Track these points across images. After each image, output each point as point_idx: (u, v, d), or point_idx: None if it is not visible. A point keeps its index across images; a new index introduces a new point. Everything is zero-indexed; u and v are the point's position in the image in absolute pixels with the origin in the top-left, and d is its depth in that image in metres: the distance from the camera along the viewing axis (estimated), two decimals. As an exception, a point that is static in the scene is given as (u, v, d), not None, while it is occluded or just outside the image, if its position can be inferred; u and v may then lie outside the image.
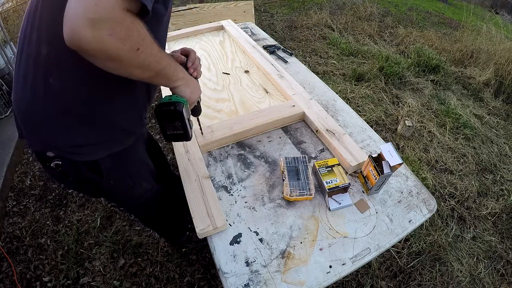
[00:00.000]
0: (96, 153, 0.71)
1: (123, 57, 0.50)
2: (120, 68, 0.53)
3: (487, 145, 2.32)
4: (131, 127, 0.78)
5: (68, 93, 0.62)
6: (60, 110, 0.63)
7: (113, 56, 0.48)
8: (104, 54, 0.47)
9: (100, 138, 0.70)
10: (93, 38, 0.44)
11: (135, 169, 0.87)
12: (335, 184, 0.83)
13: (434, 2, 6.16)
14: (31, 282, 1.43)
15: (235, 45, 1.59)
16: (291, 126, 1.11)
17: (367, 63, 3.14)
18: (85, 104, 0.64)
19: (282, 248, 0.75)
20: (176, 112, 0.71)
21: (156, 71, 0.60)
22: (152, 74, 0.59)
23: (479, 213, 1.81)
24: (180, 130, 0.75)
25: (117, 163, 0.77)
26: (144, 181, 0.94)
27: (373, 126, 2.32)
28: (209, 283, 1.42)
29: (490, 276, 1.53)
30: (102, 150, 0.72)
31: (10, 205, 1.77)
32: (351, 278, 1.44)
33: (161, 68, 0.61)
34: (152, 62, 0.56)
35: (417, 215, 0.84)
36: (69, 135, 0.66)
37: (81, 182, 0.80)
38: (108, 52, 0.47)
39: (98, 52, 0.46)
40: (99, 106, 0.66)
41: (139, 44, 0.51)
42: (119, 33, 0.46)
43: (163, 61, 0.61)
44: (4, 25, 2.43)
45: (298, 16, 4.14)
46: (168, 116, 0.72)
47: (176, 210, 1.30)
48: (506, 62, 3.05)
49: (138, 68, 0.55)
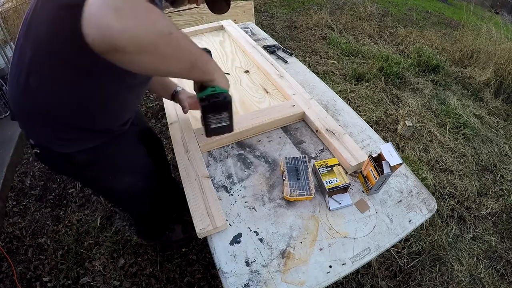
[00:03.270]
0: (69, 147, 0.74)
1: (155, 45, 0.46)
2: (158, 62, 0.50)
3: (487, 145, 2.32)
4: (102, 130, 0.77)
5: (43, 94, 0.65)
6: (36, 107, 0.68)
7: (145, 45, 0.45)
8: (137, 45, 0.44)
9: (72, 135, 0.73)
10: (123, 27, 0.41)
11: (112, 164, 0.87)
12: (335, 184, 0.83)
13: (434, 2, 6.16)
14: (31, 282, 1.43)
15: (235, 45, 1.59)
16: (291, 126, 1.11)
17: (367, 63, 3.14)
18: (57, 106, 0.67)
19: (282, 248, 0.75)
20: (226, 103, 0.70)
21: (191, 62, 0.58)
22: (187, 65, 0.58)
23: (479, 213, 1.81)
24: (226, 121, 0.75)
25: (92, 158, 0.79)
26: (127, 176, 0.92)
27: (373, 126, 2.32)
28: (209, 283, 1.42)
29: (490, 276, 1.53)
30: (72, 145, 0.74)
31: (10, 205, 1.77)
32: (351, 278, 1.44)
33: (196, 59, 0.59)
34: (186, 50, 0.55)
35: (417, 215, 0.84)
36: (43, 129, 0.71)
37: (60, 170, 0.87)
38: (139, 41, 0.44)
39: (130, 44, 0.43)
40: (72, 110, 0.68)
41: (170, 28, 0.48)
42: (148, 19, 0.44)
43: (196, 48, 0.59)
44: (4, 25, 2.42)
45: (298, 16, 4.14)
46: (217, 107, 0.71)
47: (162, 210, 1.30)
48: (506, 62, 3.05)
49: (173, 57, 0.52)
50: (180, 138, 1.02)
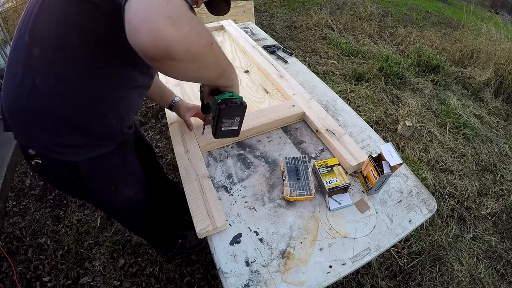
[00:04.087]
0: (75, 155, 0.70)
1: (204, 54, 0.49)
2: (201, 70, 0.53)
3: (487, 145, 2.32)
4: (112, 134, 0.76)
5: (52, 96, 0.62)
6: (42, 110, 0.63)
7: (196, 53, 0.46)
8: (189, 53, 0.45)
9: (80, 141, 0.70)
10: (178, 36, 0.41)
11: (116, 175, 0.85)
12: (335, 184, 0.82)
13: (434, 2, 6.16)
14: (31, 282, 1.43)
15: (235, 45, 1.59)
16: (291, 126, 1.11)
17: (367, 63, 3.14)
18: (66, 108, 0.64)
19: (282, 248, 0.75)
20: (242, 108, 0.73)
21: (223, 69, 0.61)
22: (221, 71, 0.61)
23: (479, 213, 1.81)
24: (236, 125, 0.78)
25: (96, 167, 0.77)
26: (127, 187, 0.91)
27: (373, 126, 2.32)
28: (209, 283, 1.42)
29: (490, 276, 1.53)
30: (81, 153, 0.71)
31: (10, 205, 1.77)
32: (351, 278, 1.44)
33: (227, 65, 0.63)
34: (221, 58, 0.58)
35: (417, 215, 0.84)
36: (49, 134, 0.66)
37: (61, 181, 0.80)
38: (192, 49, 0.45)
39: (184, 52, 0.44)
40: (81, 112, 0.66)
41: (211, 38, 0.50)
42: (196, 28, 0.45)
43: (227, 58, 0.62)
44: (4, 25, 2.43)
45: (298, 16, 4.14)
46: (233, 111, 0.73)
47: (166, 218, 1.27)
48: (506, 62, 3.05)
49: (213, 65, 0.55)
50: (180, 138, 1.02)
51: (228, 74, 0.65)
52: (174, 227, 1.44)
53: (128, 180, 0.91)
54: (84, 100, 0.65)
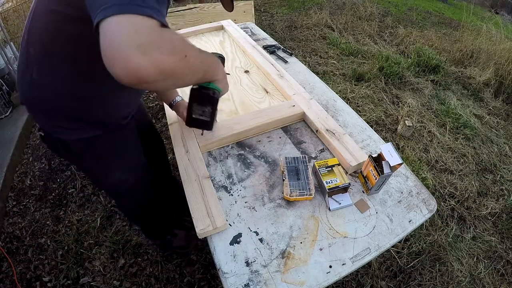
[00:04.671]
0: (67, 135, 0.79)
1: (177, 70, 0.51)
2: (177, 82, 0.57)
3: (487, 145, 2.32)
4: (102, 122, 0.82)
5: (45, 88, 0.71)
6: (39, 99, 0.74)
7: (170, 72, 0.49)
8: (162, 74, 0.47)
9: (71, 125, 0.78)
10: (149, 63, 0.44)
11: (106, 158, 0.90)
12: (335, 184, 0.82)
13: (434, 2, 6.16)
14: (31, 282, 1.43)
15: (235, 45, 1.59)
16: (291, 126, 1.11)
17: (367, 63, 3.14)
18: (59, 101, 0.73)
19: (282, 248, 0.75)
20: (213, 98, 0.74)
21: (203, 71, 0.64)
22: (200, 75, 0.64)
23: (479, 213, 1.81)
24: (207, 117, 0.78)
25: (86, 148, 0.84)
26: (119, 171, 0.95)
27: (373, 126, 2.32)
28: (209, 283, 1.42)
29: (490, 276, 1.53)
30: (72, 134, 0.79)
31: (10, 205, 1.77)
32: (351, 278, 1.44)
33: (208, 66, 0.65)
34: (198, 63, 0.60)
35: (417, 215, 0.84)
36: (46, 118, 0.78)
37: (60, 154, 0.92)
38: (165, 71, 0.48)
39: (156, 75, 0.46)
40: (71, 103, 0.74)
41: (185, 51, 0.52)
42: (166, 48, 0.47)
43: (207, 59, 0.65)
44: (4, 25, 2.43)
45: (298, 16, 4.14)
46: (203, 99, 0.75)
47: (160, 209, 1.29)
48: (506, 62, 3.05)
49: (190, 75, 0.58)
50: (180, 138, 1.02)
51: (210, 72, 0.68)
52: (167, 221, 1.44)
53: (120, 164, 0.95)
54: (74, 95, 0.72)
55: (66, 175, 1.93)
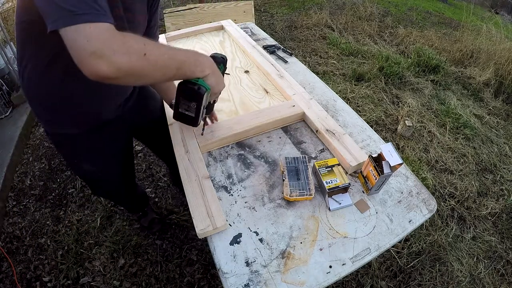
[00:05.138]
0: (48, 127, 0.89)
1: (136, 68, 0.54)
2: (141, 78, 0.59)
3: (487, 145, 2.32)
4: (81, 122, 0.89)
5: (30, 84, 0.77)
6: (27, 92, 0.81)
7: (128, 70, 0.53)
8: (120, 72, 0.52)
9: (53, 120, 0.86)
10: (105, 65, 0.50)
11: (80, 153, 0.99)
12: (335, 184, 0.82)
13: (434, 2, 6.16)
14: (31, 282, 1.43)
15: (235, 45, 1.59)
16: (291, 126, 1.11)
17: (367, 63, 3.14)
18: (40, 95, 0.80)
19: (282, 248, 0.75)
20: (198, 94, 0.75)
21: (176, 67, 0.65)
22: (173, 71, 0.65)
23: (479, 213, 1.81)
24: (192, 112, 0.80)
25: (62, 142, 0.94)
26: (88, 164, 1.03)
27: (373, 126, 2.32)
28: (209, 283, 1.42)
29: (490, 276, 1.53)
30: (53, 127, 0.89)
31: (10, 205, 1.77)
32: (351, 278, 1.44)
33: (180, 63, 0.66)
34: (166, 60, 0.62)
35: (417, 215, 0.84)
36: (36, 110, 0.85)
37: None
38: (122, 69, 0.52)
39: (115, 73, 0.51)
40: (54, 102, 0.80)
41: (143, 50, 0.55)
42: (120, 50, 0.51)
43: (179, 55, 0.66)
44: (4, 25, 2.42)
45: (298, 16, 4.14)
46: (189, 94, 0.76)
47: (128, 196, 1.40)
48: (506, 62, 3.05)
49: (156, 71, 0.60)
50: (180, 138, 1.02)
51: (187, 69, 0.68)
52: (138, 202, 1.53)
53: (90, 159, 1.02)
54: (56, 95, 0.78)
55: (66, 175, 1.93)
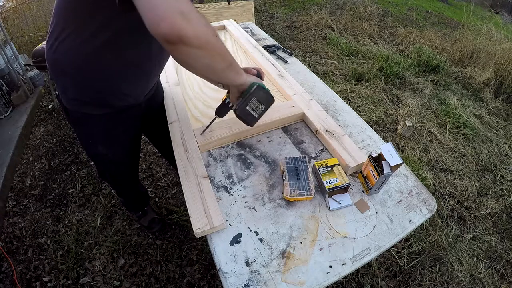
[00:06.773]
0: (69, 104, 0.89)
1: (210, 42, 0.58)
2: (206, 55, 0.61)
3: (487, 145, 2.32)
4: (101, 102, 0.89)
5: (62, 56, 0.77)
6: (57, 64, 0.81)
7: (204, 40, 0.56)
8: (198, 39, 0.55)
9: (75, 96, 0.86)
10: (189, 26, 0.52)
11: (95, 134, 1.00)
12: (335, 184, 0.82)
13: (434, 2, 6.17)
14: (31, 282, 1.43)
15: (236, 45, 1.59)
16: (291, 126, 1.11)
17: (367, 63, 3.14)
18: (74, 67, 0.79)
19: (282, 248, 0.75)
20: (271, 98, 0.85)
21: (229, 62, 0.70)
22: (227, 64, 0.70)
23: (479, 213, 1.81)
24: (256, 113, 0.87)
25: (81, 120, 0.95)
26: (101, 146, 1.05)
27: (373, 126, 2.32)
28: (209, 283, 1.42)
29: (490, 276, 1.53)
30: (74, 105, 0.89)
31: (10, 205, 1.77)
32: (351, 278, 1.44)
33: (232, 60, 0.72)
34: (225, 50, 0.66)
35: (417, 215, 0.84)
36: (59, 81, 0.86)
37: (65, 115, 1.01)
38: (201, 36, 0.55)
39: (194, 38, 0.54)
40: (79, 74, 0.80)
41: (215, 31, 0.60)
42: (202, 21, 0.55)
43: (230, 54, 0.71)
44: (4, 25, 2.43)
45: (298, 16, 4.15)
46: (263, 97, 0.83)
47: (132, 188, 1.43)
48: (506, 62, 3.05)
49: (218, 55, 0.64)
50: (180, 137, 1.02)
51: (234, 67, 0.74)
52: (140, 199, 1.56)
53: (104, 142, 1.04)
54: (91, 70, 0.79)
55: (66, 175, 1.93)
